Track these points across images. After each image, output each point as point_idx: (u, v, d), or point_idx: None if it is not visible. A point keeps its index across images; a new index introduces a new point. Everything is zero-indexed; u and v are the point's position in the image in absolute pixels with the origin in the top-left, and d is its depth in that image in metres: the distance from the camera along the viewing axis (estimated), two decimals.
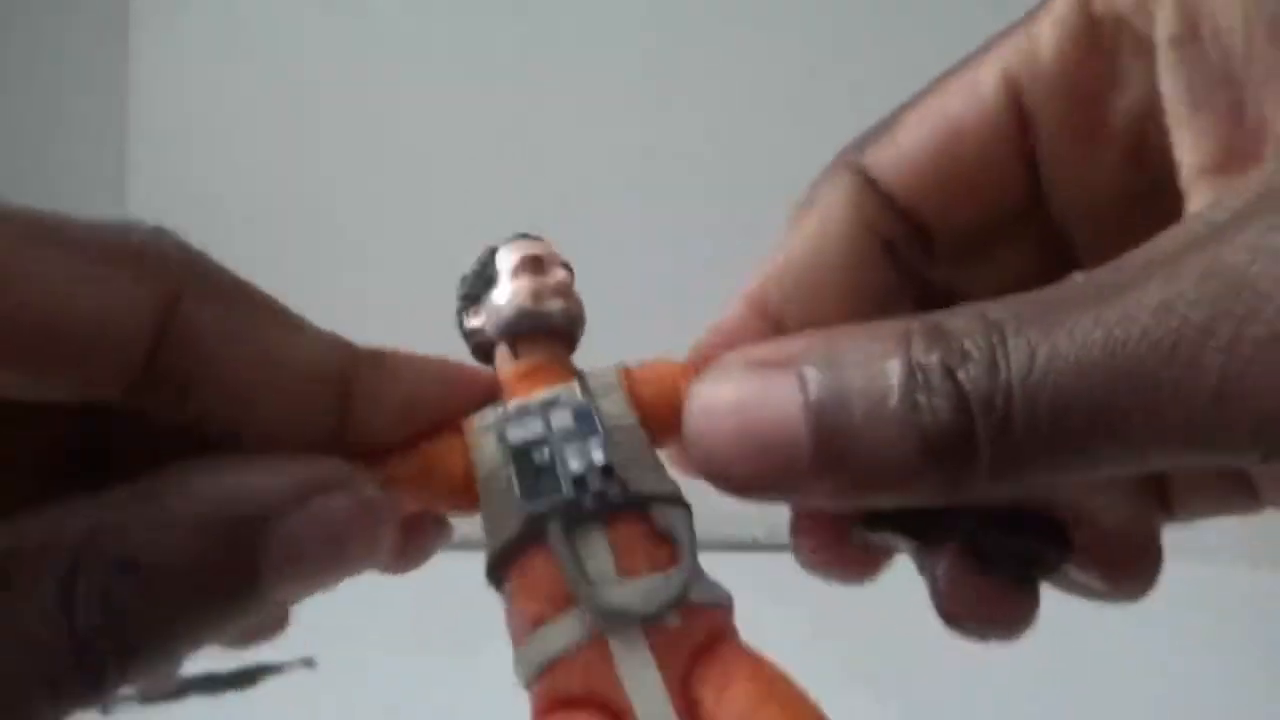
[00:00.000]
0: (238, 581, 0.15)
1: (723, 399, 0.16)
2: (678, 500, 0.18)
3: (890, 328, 0.14)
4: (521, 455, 0.18)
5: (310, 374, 0.17)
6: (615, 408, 0.19)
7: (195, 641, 0.15)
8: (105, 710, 0.45)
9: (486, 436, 0.18)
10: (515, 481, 0.17)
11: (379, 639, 0.51)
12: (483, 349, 0.20)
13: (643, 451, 0.18)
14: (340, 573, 0.16)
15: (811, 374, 0.14)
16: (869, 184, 0.18)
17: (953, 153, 0.17)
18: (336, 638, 0.54)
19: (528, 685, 0.17)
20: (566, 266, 0.20)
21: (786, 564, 0.21)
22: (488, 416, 0.19)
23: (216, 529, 0.15)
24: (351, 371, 0.17)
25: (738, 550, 0.84)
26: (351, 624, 0.55)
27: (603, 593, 0.16)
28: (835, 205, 0.18)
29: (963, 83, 0.17)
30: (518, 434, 0.18)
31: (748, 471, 0.16)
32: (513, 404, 0.19)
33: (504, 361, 0.20)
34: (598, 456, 0.17)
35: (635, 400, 0.19)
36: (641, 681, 0.16)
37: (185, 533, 0.14)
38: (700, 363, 0.18)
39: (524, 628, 0.17)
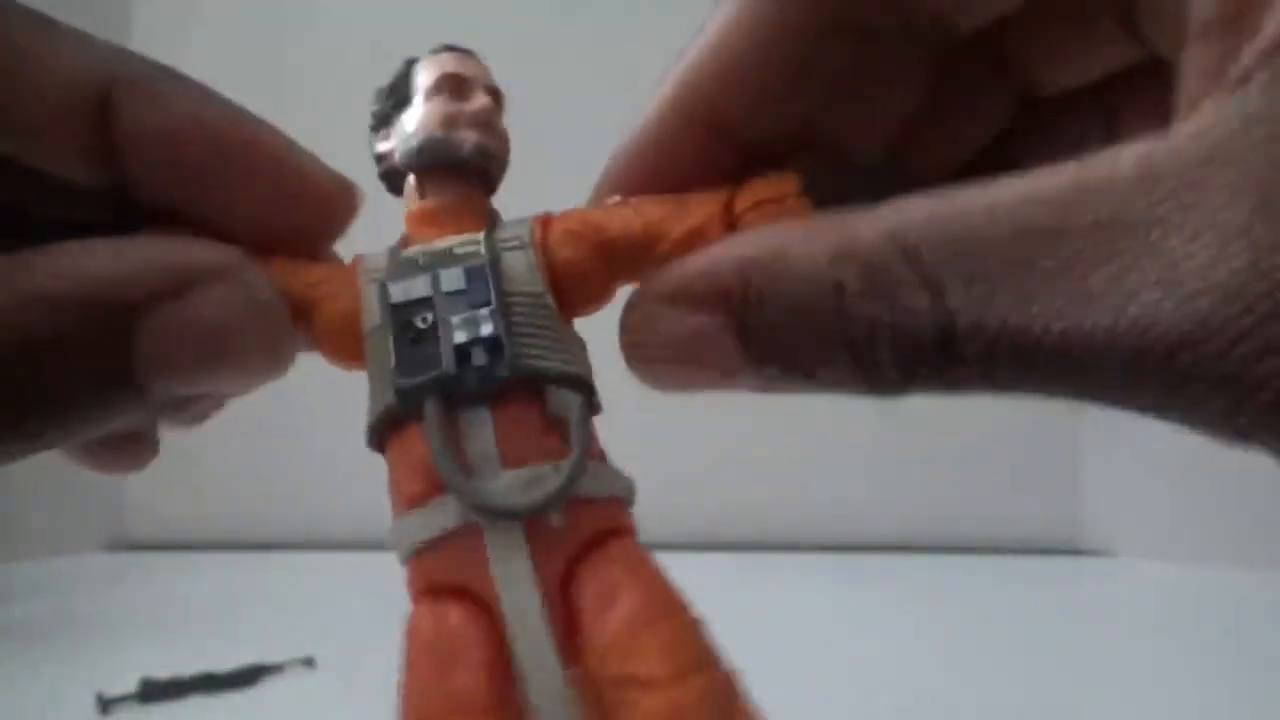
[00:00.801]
0: (107, 370, 0.14)
1: (660, 347, 0.15)
2: (578, 381, 0.16)
3: (818, 262, 0.13)
4: (401, 317, 0.15)
5: (56, 81, 0.14)
6: (520, 268, 0.16)
7: (67, 425, 0.14)
8: (105, 710, 0.45)
9: (370, 285, 0.16)
10: (391, 347, 0.15)
11: (379, 639, 0.51)
12: (390, 180, 0.18)
13: (544, 321, 0.16)
14: (227, 377, 0.15)
15: (737, 307, 0.14)
16: None
17: None
18: (336, 638, 0.55)
19: (402, 562, 0.16)
20: (493, 92, 0.17)
21: (783, 564, 0.21)
22: (379, 260, 0.16)
23: (80, 310, 0.13)
24: (114, 94, 0.15)
25: (735, 550, 0.85)
26: (351, 624, 0.55)
27: (477, 485, 0.15)
28: None
29: None
30: (399, 290, 0.15)
31: (692, 385, 0.15)
32: (406, 251, 0.16)
33: (409, 199, 0.17)
34: (486, 328, 0.15)
35: (547, 261, 0.16)
36: (514, 579, 0.15)
37: (45, 308, 0.13)
38: (643, 209, 0.16)
39: (399, 505, 0.15)
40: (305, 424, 0.90)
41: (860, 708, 0.46)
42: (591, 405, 0.16)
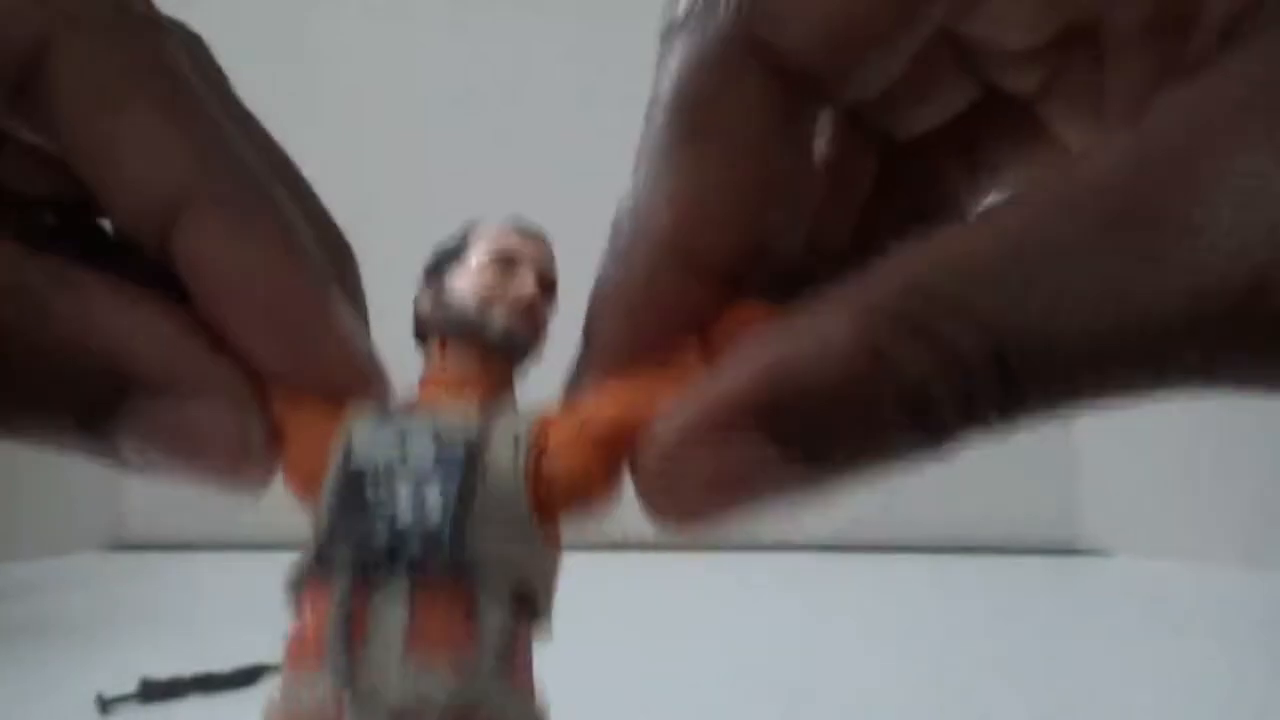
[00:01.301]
0: (88, 424, 0.14)
1: (692, 485, 0.14)
2: (522, 597, 0.14)
3: (846, 328, 0.13)
4: (349, 481, 0.14)
5: (134, 189, 0.14)
6: (505, 463, 0.15)
7: (23, 424, 0.14)
8: (105, 710, 0.45)
9: (343, 434, 0.15)
10: (331, 503, 0.14)
11: None
12: (419, 330, 0.17)
13: (508, 524, 0.15)
14: (192, 480, 0.15)
15: (777, 418, 0.13)
16: (779, 68, 0.14)
17: (881, 20, 0.14)
18: None
19: (265, 718, 0.14)
20: (545, 281, 0.17)
21: (780, 564, 0.21)
22: (365, 410, 0.15)
23: (70, 357, 0.14)
24: (182, 218, 0.14)
25: (731, 551, 0.85)
26: None
27: (363, 681, 0.13)
28: (749, 111, 0.14)
29: None
30: (361, 454, 0.15)
31: (735, 513, 0.14)
32: (397, 415, 0.15)
33: (428, 358, 0.17)
34: (431, 517, 0.14)
35: (536, 467, 0.15)
36: None
37: (40, 340, 0.13)
38: (639, 385, 0.15)
39: (284, 662, 0.14)
40: None
41: (858, 707, 0.46)
42: (532, 623, 0.15)
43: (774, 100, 0.14)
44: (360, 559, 0.14)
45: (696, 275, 0.15)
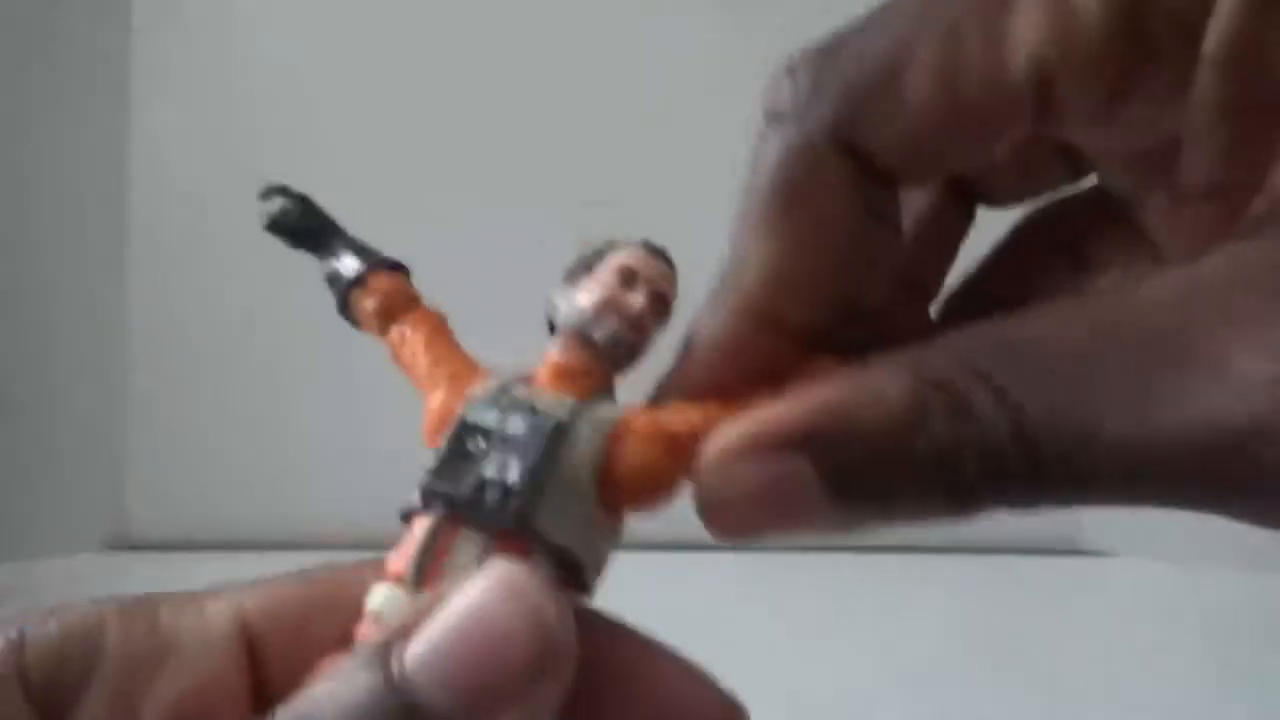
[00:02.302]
0: None
1: (741, 497, 0.16)
2: (570, 562, 0.17)
3: (903, 387, 0.14)
4: (461, 434, 0.18)
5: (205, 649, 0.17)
6: (584, 446, 0.17)
7: None
8: None
9: (468, 398, 0.18)
10: (441, 452, 0.17)
11: None
12: (550, 325, 0.20)
13: (573, 501, 0.17)
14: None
15: (827, 448, 0.15)
16: (863, 160, 0.16)
17: (965, 127, 0.15)
18: None
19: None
20: (658, 299, 0.19)
21: (782, 564, 0.21)
22: (489, 382, 0.19)
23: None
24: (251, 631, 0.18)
25: (733, 551, 0.84)
26: None
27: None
28: (831, 198, 0.16)
29: (983, 47, 0.14)
30: (473, 413, 0.18)
31: (773, 531, 0.16)
32: (515, 388, 0.18)
33: (552, 347, 0.19)
34: (510, 475, 0.17)
35: (610, 454, 0.17)
36: None
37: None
38: (708, 409, 0.17)
39: (384, 576, 0.17)
40: (306, 424, 0.90)
41: (859, 707, 0.46)
42: (576, 584, 0.17)
43: (859, 188, 0.16)
44: (451, 498, 0.17)
45: (776, 332, 0.17)
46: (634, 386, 0.19)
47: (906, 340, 0.15)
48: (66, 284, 0.98)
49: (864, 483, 0.15)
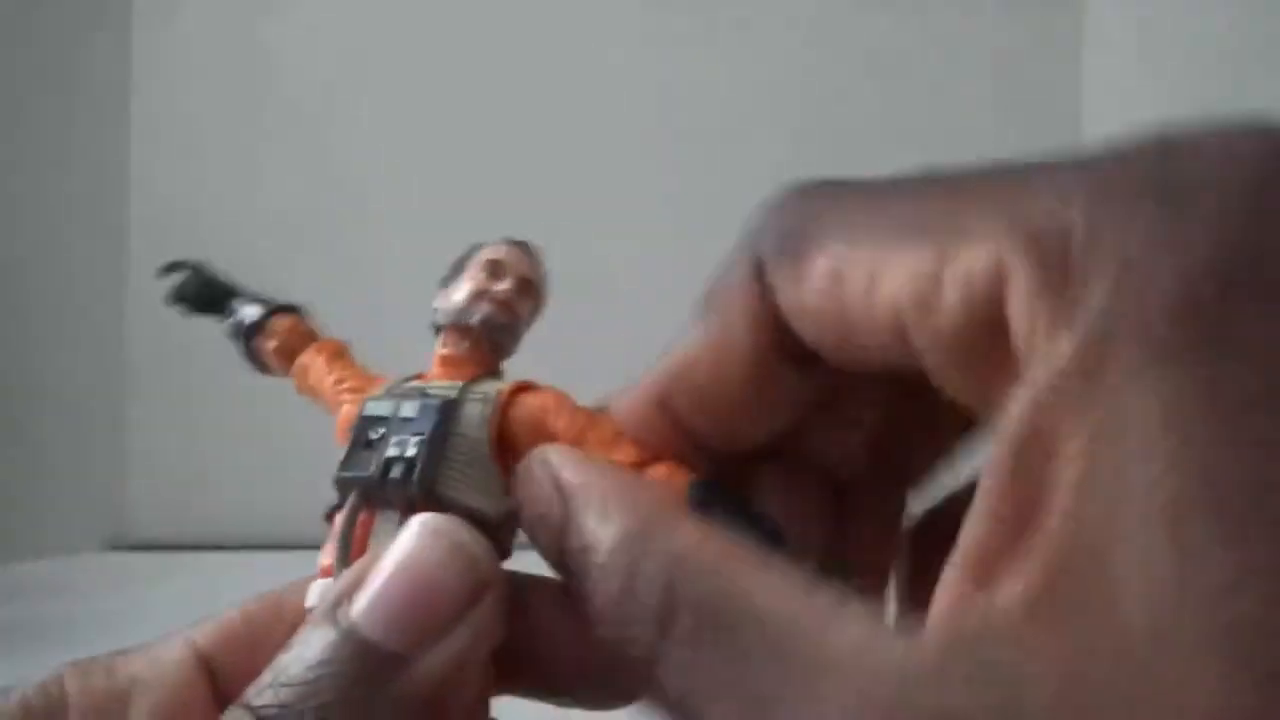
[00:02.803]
0: None
1: (529, 504, 0.18)
2: (478, 517, 0.18)
3: (616, 532, 0.15)
4: (364, 426, 0.19)
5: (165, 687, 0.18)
6: (474, 417, 0.19)
7: None
8: None
9: (363, 400, 0.20)
10: (347, 446, 0.19)
11: None
12: (435, 327, 0.22)
13: (473, 466, 0.19)
14: None
15: (565, 521, 0.16)
16: (773, 309, 0.17)
17: (846, 334, 0.16)
18: None
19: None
20: (524, 281, 0.21)
21: None
22: (381, 386, 0.20)
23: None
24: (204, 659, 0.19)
25: None
26: None
27: None
28: (739, 325, 0.17)
29: (866, 270, 0.15)
30: (369, 407, 0.20)
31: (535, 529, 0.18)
32: (407, 382, 0.20)
33: (438, 344, 0.21)
34: (409, 449, 0.18)
35: (499, 421, 0.19)
36: None
37: None
38: (592, 430, 0.19)
39: (318, 573, 0.18)
40: (306, 425, 0.90)
41: None
42: (492, 543, 0.18)
43: (766, 325, 0.17)
44: (360, 480, 0.18)
45: (668, 420, 0.18)
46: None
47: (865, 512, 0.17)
48: (66, 286, 0.98)
49: (564, 568, 0.16)
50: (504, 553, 0.19)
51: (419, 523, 0.17)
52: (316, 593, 0.18)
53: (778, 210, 0.17)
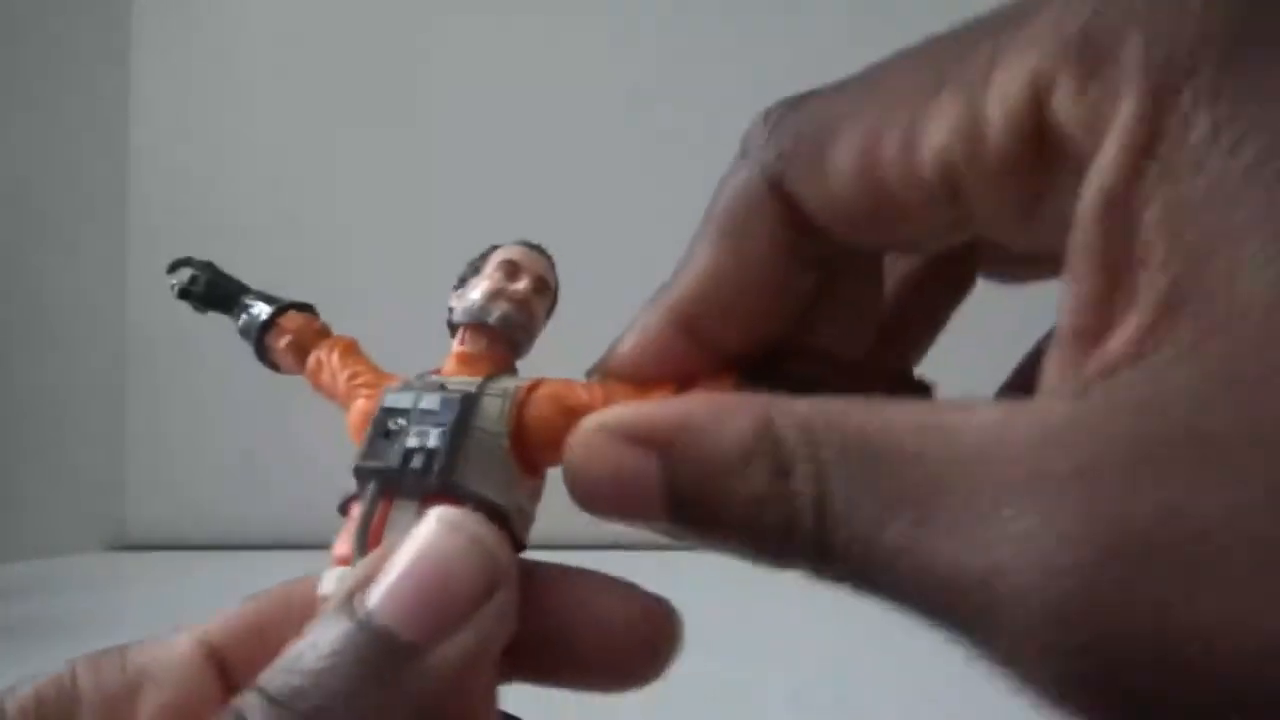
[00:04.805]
0: None
1: (593, 472, 0.17)
2: (495, 510, 0.18)
3: (746, 428, 0.15)
4: (384, 417, 0.19)
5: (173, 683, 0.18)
6: (493, 411, 0.19)
7: None
8: None
9: (382, 393, 0.20)
10: (366, 436, 0.19)
11: None
12: (451, 326, 0.22)
13: (492, 456, 0.19)
14: None
15: (671, 459, 0.16)
16: (793, 209, 0.17)
17: (883, 210, 0.16)
18: None
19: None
20: (541, 281, 0.22)
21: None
22: (409, 377, 0.21)
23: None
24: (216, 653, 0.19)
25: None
26: None
27: None
28: (759, 234, 0.17)
29: (901, 141, 0.15)
30: (390, 399, 0.20)
31: (616, 516, 0.17)
32: (426, 377, 0.20)
33: (455, 342, 0.21)
34: (430, 441, 0.19)
35: (516, 416, 0.19)
36: None
37: None
38: (611, 390, 0.19)
39: (332, 561, 0.19)
40: (305, 425, 0.90)
41: (859, 706, 0.46)
42: (508, 535, 0.18)
43: (785, 231, 0.17)
44: (381, 470, 0.19)
45: (693, 340, 0.19)
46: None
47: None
48: (66, 285, 0.98)
49: (692, 504, 0.16)
50: (519, 546, 0.19)
51: (437, 516, 0.17)
52: (332, 580, 0.18)
53: (777, 124, 0.17)
